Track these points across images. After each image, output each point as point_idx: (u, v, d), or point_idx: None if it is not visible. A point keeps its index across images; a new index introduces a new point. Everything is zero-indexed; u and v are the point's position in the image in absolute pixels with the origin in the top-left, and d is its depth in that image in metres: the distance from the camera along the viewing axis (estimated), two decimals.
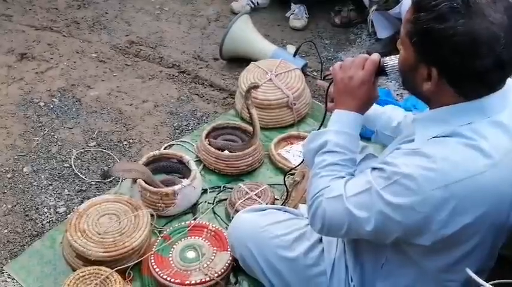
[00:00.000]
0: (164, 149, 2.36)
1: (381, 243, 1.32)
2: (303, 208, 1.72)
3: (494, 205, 1.20)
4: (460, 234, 1.21)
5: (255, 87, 2.25)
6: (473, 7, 1.11)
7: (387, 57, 1.35)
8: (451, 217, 1.17)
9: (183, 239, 1.91)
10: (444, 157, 1.16)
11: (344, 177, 1.32)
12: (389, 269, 1.39)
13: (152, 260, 1.82)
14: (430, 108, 1.28)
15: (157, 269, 1.79)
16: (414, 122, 1.29)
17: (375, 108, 1.58)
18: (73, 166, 2.31)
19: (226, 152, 2.27)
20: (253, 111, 2.22)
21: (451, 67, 1.16)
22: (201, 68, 2.90)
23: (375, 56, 1.36)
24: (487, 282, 1.17)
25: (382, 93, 2.25)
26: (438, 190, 1.15)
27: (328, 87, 1.47)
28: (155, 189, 2.04)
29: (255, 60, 2.68)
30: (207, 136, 2.33)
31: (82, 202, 2.09)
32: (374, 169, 1.26)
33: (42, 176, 2.27)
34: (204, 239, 1.90)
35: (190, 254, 1.86)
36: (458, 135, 1.19)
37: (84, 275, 1.77)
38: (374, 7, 2.82)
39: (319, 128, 1.49)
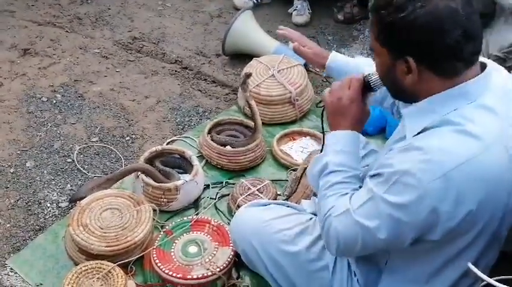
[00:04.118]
0: (166, 144, 2.36)
1: (397, 248, 1.32)
2: (305, 203, 1.72)
3: (493, 188, 1.21)
4: (464, 223, 1.21)
5: (249, 75, 2.23)
6: None
7: (371, 73, 1.41)
8: (455, 206, 1.18)
9: (185, 234, 1.91)
10: (437, 147, 1.18)
11: (348, 193, 1.33)
12: (393, 265, 1.40)
13: (154, 255, 1.83)
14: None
15: (159, 264, 1.80)
16: (403, 117, 1.31)
17: (342, 59, 1.74)
18: (75, 161, 2.32)
19: (228, 147, 2.28)
20: (252, 103, 2.21)
21: (425, 50, 1.20)
22: (204, 64, 2.90)
23: (359, 74, 1.43)
24: (491, 278, 1.17)
25: (378, 110, 2.25)
26: (437, 181, 1.16)
27: (322, 113, 1.52)
28: (157, 184, 2.05)
29: (258, 56, 2.67)
30: (209, 132, 2.33)
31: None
32: (372, 176, 1.27)
33: (45, 171, 2.27)
34: (206, 234, 1.91)
35: (192, 249, 1.86)
36: (447, 123, 1.21)
37: (87, 270, 1.77)
38: None
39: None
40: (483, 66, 1.27)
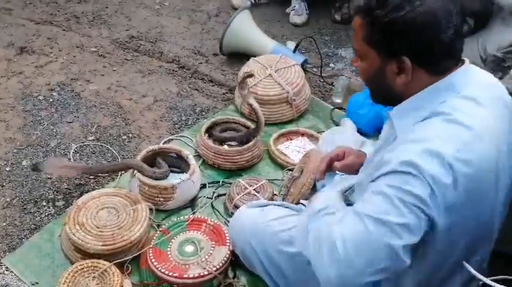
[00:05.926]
0: (163, 143, 2.36)
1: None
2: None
3: (483, 178, 1.20)
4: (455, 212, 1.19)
5: (249, 76, 2.22)
6: None
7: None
8: (456, 192, 1.16)
9: (181, 234, 1.90)
10: (433, 136, 1.18)
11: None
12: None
13: (150, 254, 1.82)
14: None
15: (155, 263, 1.79)
16: (391, 118, 1.30)
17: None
18: (72, 159, 2.31)
19: (225, 147, 2.27)
20: (251, 101, 2.20)
21: (422, 49, 1.20)
22: (201, 63, 2.89)
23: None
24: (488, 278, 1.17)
25: (374, 111, 2.27)
26: (442, 168, 1.15)
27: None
28: (154, 183, 2.04)
29: (255, 56, 2.67)
30: (207, 131, 2.33)
31: (81, 195, 2.08)
32: (373, 180, 1.21)
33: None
34: (202, 234, 1.90)
35: (189, 248, 1.86)
36: (437, 114, 1.22)
37: (83, 268, 1.77)
38: None
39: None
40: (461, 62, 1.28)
